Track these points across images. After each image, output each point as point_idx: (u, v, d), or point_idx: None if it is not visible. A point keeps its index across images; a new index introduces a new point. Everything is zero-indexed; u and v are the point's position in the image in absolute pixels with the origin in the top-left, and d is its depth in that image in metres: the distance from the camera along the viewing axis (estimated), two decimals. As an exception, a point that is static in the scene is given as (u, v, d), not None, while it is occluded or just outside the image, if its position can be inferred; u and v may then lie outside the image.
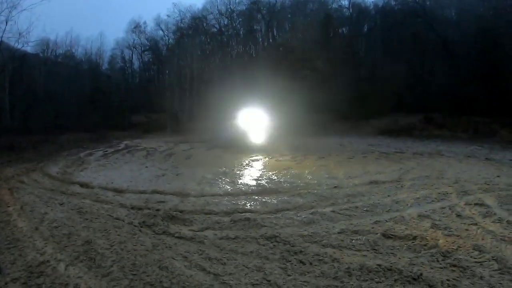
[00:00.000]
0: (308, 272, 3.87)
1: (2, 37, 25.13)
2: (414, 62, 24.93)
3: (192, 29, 36.79)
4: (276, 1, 35.96)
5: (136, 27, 39.67)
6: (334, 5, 34.58)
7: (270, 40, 35.65)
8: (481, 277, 3.65)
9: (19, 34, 25.50)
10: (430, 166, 10.27)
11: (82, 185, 8.88)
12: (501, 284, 3.54)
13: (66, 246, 4.62)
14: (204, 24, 37.52)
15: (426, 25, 26.08)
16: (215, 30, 37.58)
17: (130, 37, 39.92)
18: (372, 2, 33.53)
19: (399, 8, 30.63)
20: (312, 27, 30.34)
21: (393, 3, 32.15)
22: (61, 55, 36.74)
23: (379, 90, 24.74)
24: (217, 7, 36.90)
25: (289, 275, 3.80)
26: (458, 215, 5.60)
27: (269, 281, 3.69)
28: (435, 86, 22.88)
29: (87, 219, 5.76)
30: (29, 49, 29.55)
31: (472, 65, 21.42)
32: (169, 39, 39.71)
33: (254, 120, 15.85)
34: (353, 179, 8.75)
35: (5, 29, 24.87)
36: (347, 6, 34.13)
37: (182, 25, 38.14)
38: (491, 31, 21.01)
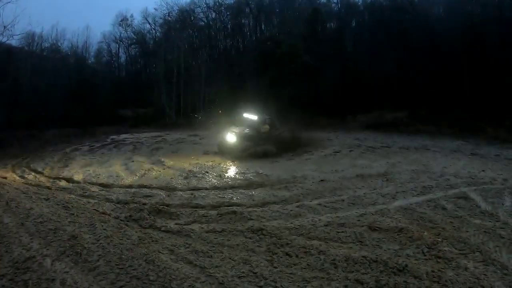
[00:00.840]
0: (294, 264, 3.89)
1: (-14, 30, 24.61)
2: (401, 58, 24.99)
3: (179, 23, 36.52)
4: (264, -5, 35.81)
5: (123, 20, 39.39)
6: (323, 0, 34.58)
7: (258, 35, 35.52)
8: (466, 268, 3.71)
9: (4, 27, 24.83)
10: (416, 160, 10.37)
11: (68, 180, 8.85)
12: (485, 275, 3.60)
13: (52, 241, 4.57)
14: (192, 18, 37.29)
15: (414, 22, 26.14)
16: (203, 23, 37.37)
17: (116, 30, 39.67)
18: (361, -3, 33.51)
19: (387, 4, 30.63)
20: (300, 22, 30.31)
21: (381, -2, 32.18)
22: (47, 48, 36.09)
23: (366, 85, 24.80)
24: (205, 0, 36.70)
25: (275, 267, 3.82)
26: (443, 208, 5.67)
27: (255, 273, 3.70)
28: (422, 82, 22.98)
29: (73, 214, 5.70)
30: (14, 42, 28.88)
31: (459, 62, 21.54)
32: (156, 32, 39.51)
33: (240, 115, 15.78)
34: (339, 173, 8.83)
35: (-11, 22, 24.33)
36: (335, 1, 34.12)
37: (169, 18, 37.90)
38: (479, 29, 21.14)
